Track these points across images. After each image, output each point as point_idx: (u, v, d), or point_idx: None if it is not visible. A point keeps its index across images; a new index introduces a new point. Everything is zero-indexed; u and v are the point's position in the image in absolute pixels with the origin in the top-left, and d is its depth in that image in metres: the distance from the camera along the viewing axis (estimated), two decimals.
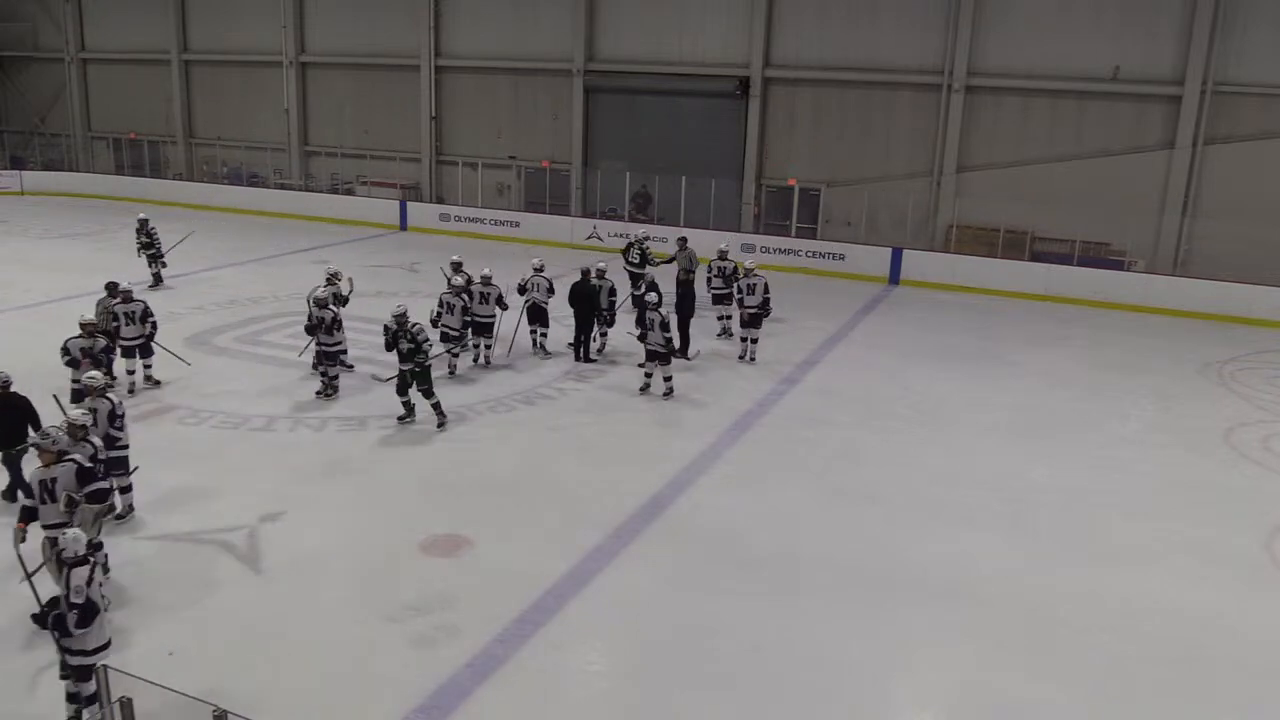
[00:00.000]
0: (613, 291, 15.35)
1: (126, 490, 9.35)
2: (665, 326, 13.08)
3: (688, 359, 15.33)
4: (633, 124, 27.12)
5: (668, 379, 13.41)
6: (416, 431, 12.13)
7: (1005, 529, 10.08)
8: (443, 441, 11.87)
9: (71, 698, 6.47)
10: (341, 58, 30.34)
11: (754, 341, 15.30)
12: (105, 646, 6.38)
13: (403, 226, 27.83)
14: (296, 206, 29.32)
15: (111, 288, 13.52)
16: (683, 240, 17.63)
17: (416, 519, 9.75)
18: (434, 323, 13.85)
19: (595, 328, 15.38)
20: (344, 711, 6.89)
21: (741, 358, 15.38)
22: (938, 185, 23.62)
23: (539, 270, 15.47)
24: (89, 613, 6.13)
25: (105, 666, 5.23)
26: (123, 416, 9.33)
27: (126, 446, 9.33)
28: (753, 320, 15.24)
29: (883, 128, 24.20)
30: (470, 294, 14.36)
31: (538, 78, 27.78)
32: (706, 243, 24.00)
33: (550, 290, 15.29)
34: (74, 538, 6.37)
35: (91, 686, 6.20)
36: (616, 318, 15.47)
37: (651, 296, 13.56)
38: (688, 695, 7.18)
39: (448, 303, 14.06)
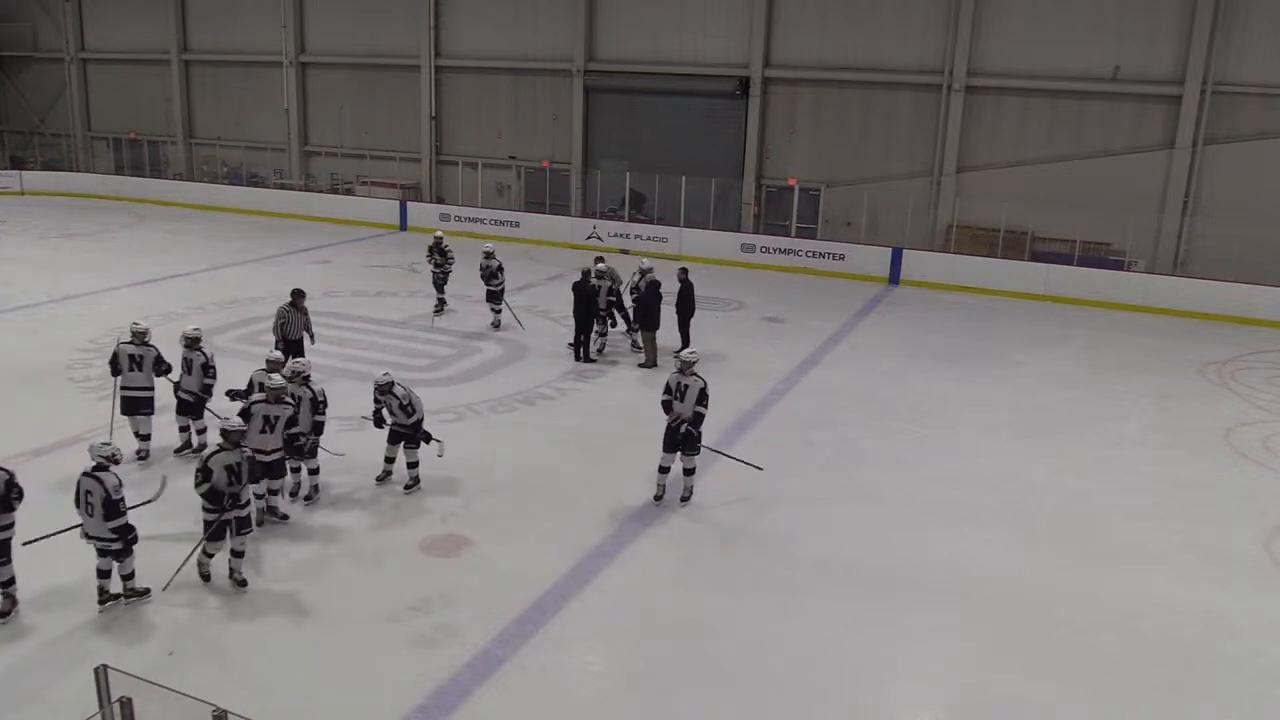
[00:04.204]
0: (612, 291, 15.35)
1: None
2: (408, 408, 10.06)
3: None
4: (633, 124, 27.13)
5: (413, 465, 10.29)
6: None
7: (1005, 529, 10.08)
8: (443, 441, 11.84)
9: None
10: (341, 58, 30.35)
11: (689, 472, 10.25)
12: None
13: (402, 227, 27.84)
14: (296, 206, 29.34)
15: (298, 296, 13.09)
16: (600, 259, 16.16)
17: (416, 519, 9.75)
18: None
19: (595, 327, 15.39)
20: (344, 711, 6.89)
21: (658, 498, 10.32)
22: (938, 185, 23.63)
23: (648, 271, 15.11)
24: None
25: (105, 666, 5.22)
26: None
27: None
28: (686, 439, 10.07)
29: (883, 128, 24.21)
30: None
31: (538, 78, 27.79)
32: (707, 242, 24.16)
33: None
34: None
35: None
36: (617, 318, 15.50)
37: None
38: (688, 695, 7.18)
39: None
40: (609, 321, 15.50)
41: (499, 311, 16.86)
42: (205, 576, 8.38)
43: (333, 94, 30.92)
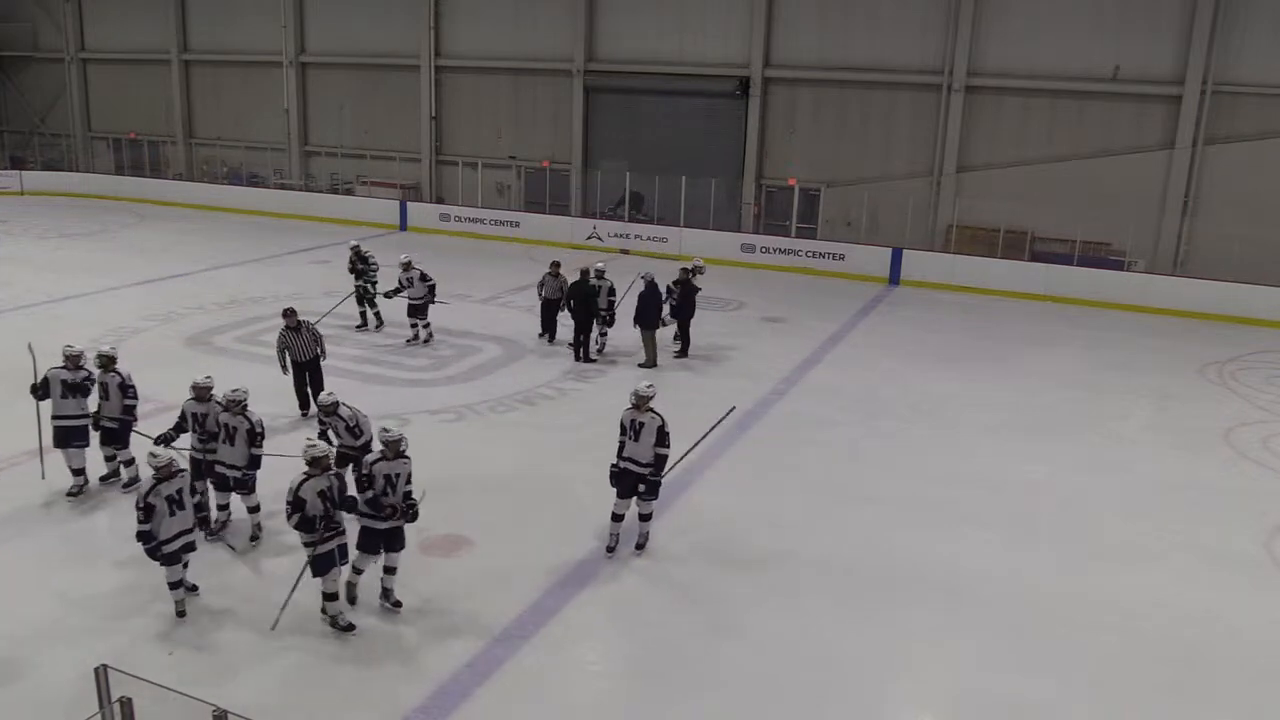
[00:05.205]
0: (612, 291, 15.36)
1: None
2: (355, 430, 9.39)
3: (686, 356, 15.48)
4: (633, 124, 27.13)
5: None
6: (415, 431, 12.10)
7: (1005, 529, 10.08)
8: (443, 441, 11.86)
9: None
10: (341, 58, 30.35)
11: (645, 518, 9.25)
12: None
13: (402, 227, 27.85)
14: (296, 206, 29.34)
15: (289, 315, 12.15)
16: (556, 264, 16.22)
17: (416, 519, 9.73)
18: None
19: (595, 328, 15.40)
20: (344, 711, 6.89)
21: (611, 549, 9.20)
22: (938, 185, 23.63)
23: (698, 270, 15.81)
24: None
25: (105, 666, 5.22)
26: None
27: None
28: (650, 486, 9.07)
29: (883, 128, 24.21)
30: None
31: (538, 78, 27.78)
32: (706, 242, 24.14)
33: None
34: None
35: None
36: (616, 317, 15.51)
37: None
38: (687, 695, 7.18)
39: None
40: (607, 321, 15.49)
41: (428, 325, 15.90)
42: (347, 626, 7.70)
43: (333, 94, 30.90)
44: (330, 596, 7.71)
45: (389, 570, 8.02)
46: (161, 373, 13.40)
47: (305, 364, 12.22)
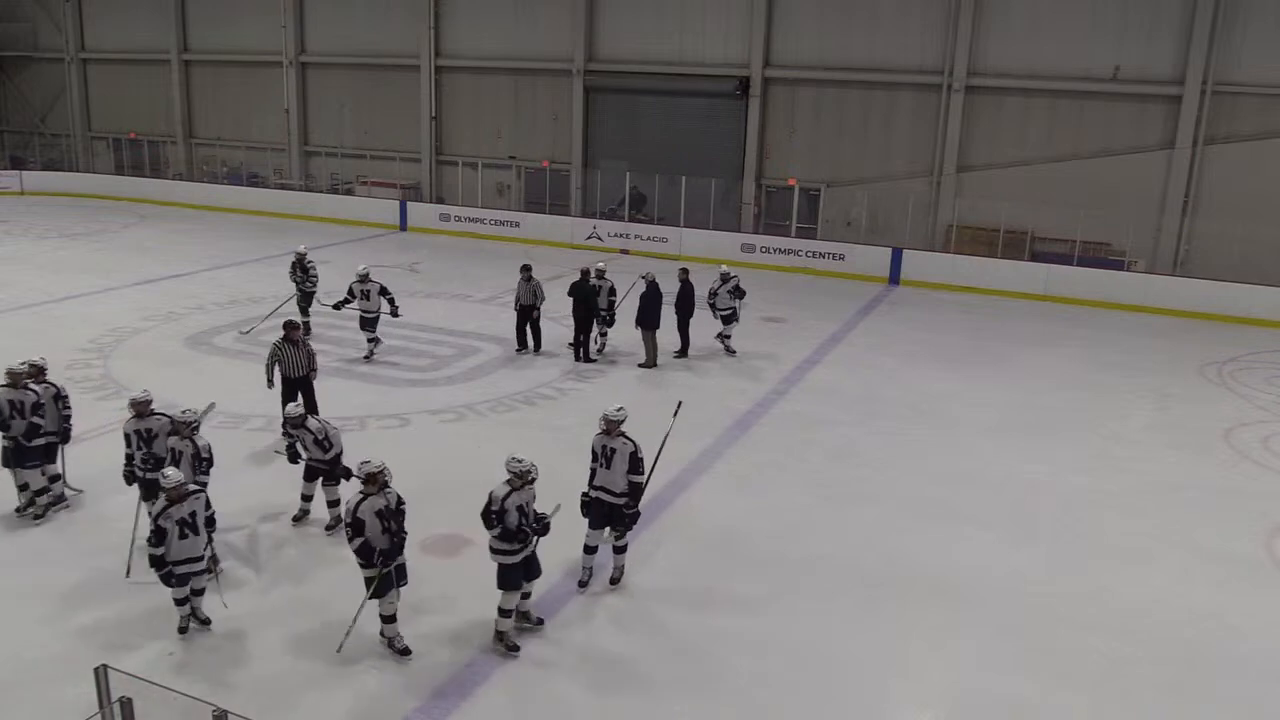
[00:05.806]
0: (612, 291, 15.35)
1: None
2: (324, 443, 9.15)
3: (686, 356, 15.48)
4: (633, 124, 27.14)
5: (333, 503, 9.40)
6: (416, 431, 12.13)
7: (1005, 529, 10.08)
8: (443, 441, 11.86)
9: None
10: (341, 58, 30.36)
11: (619, 550, 8.74)
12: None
13: (403, 227, 27.85)
14: (296, 206, 29.35)
15: (290, 329, 11.56)
16: (527, 268, 15.81)
17: (417, 519, 9.68)
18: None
19: (595, 328, 15.40)
20: (344, 712, 6.89)
21: (583, 584, 8.73)
22: (938, 185, 23.63)
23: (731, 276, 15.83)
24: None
25: (105, 666, 5.23)
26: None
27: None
28: (625, 521, 8.58)
29: (883, 128, 24.22)
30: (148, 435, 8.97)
31: (538, 78, 27.79)
32: (706, 242, 24.16)
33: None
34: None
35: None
36: (616, 317, 15.50)
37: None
38: (687, 694, 7.18)
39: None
40: (607, 321, 15.47)
41: (374, 339, 15.05)
42: (404, 649, 7.49)
43: (333, 94, 30.92)
44: (388, 619, 7.54)
45: (524, 595, 7.87)
46: (162, 373, 13.42)
47: (296, 380, 11.68)
